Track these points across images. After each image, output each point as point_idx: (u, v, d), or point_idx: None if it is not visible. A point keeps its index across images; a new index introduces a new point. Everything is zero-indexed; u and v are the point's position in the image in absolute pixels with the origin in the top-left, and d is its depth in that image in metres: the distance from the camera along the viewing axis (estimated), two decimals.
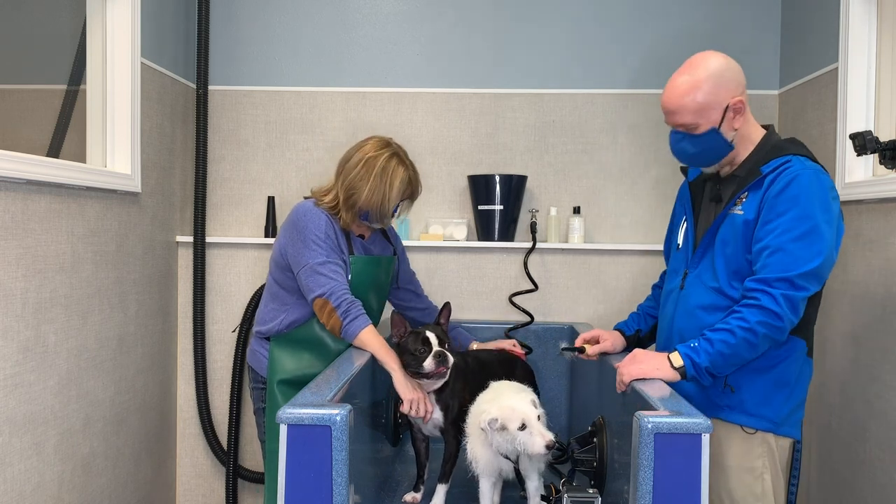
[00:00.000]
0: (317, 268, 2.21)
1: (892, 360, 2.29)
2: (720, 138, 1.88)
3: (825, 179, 1.80)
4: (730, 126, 1.88)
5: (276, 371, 2.35)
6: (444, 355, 2.05)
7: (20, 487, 2.08)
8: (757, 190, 1.84)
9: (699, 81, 1.85)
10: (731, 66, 1.89)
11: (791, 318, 1.76)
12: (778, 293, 1.73)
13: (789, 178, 1.77)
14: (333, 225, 2.30)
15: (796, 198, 1.76)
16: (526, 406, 1.81)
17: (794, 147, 1.89)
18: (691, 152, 1.93)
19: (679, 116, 1.88)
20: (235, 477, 3.16)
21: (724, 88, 1.85)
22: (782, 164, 1.81)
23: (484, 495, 1.96)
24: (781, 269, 1.74)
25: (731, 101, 1.86)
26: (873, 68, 2.55)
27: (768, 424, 1.88)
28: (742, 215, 1.85)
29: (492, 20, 3.21)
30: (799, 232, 1.74)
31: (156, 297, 2.95)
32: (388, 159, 2.30)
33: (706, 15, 3.16)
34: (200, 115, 3.14)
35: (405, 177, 2.31)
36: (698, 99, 1.84)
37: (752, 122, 1.94)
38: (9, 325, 2.02)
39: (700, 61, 1.89)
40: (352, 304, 2.19)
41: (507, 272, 3.17)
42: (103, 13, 2.62)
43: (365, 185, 2.26)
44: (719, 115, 1.86)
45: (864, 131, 2.31)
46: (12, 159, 1.99)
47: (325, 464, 1.54)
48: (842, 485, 2.57)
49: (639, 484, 1.52)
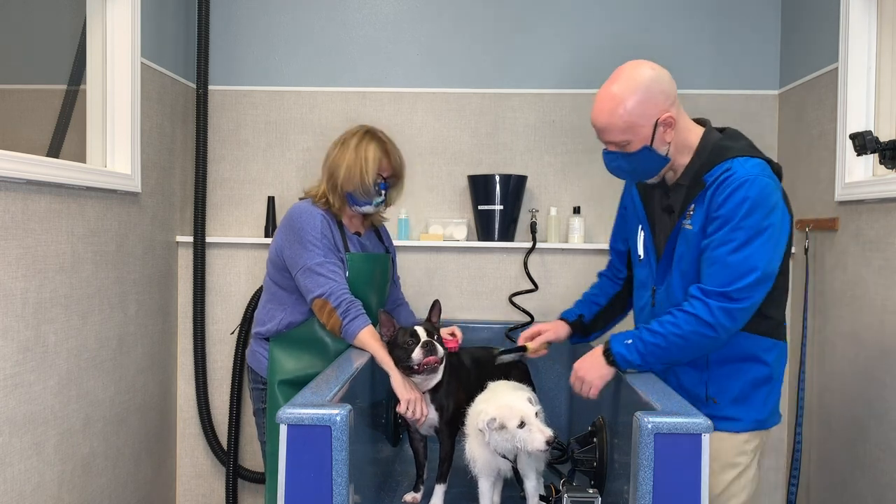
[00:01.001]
0: (315, 268, 2.21)
1: (891, 361, 2.29)
2: (654, 154, 1.84)
3: (764, 182, 1.75)
4: (662, 141, 1.82)
5: (276, 372, 2.35)
6: (433, 345, 2.03)
7: (20, 487, 2.08)
8: (702, 202, 1.81)
9: (626, 99, 1.79)
10: (659, 79, 1.82)
11: (727, 329, 1.76)
12: (714, 305, 1.74)
13: (729, 190, 1.74)
14: (330, 224, 2.31)
15: (735, 210, 1.73)
16: (523, 403, 1.81)
17: (733, 143, 1.85)
18: (627, 169, 1.90)
19: (608, 135, 1.84)
20: (235, 477, 3.16)
21: (653, 104, 1.80)
22: (723, 172, 1.77)
23: (483, 495, 1.96)
24: (719, 283, 1.75)
25: (660, 116, 1.80)
26: (873, 68, 2.55)
27: (753, 424, 1.90)
28: (692, 230, 1.83)
29: (492, 20, 3.21)
30: (736, 244, 1.73)
31: (156, 297, 2.95)
32: (362, 136, 2.35)
33: (706, 15, 3.16)
34: (200, 115, 3.14)
35: (378, 150, 2.33)
36: (626, 118, 1.79)
37: (687, 127, 1.88)
38: (9, 325, 2.02)
39: (626, 76, 1.82)
40: (351, 304, 2.19)
41: (507, 272, 3.17)
42: (103, 13, 2.62)
43: (342, 163, 2.32)
44: (650, 131, 1.81)
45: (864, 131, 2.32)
46: (12, 159, 1.99)
47: (325, 464, 1.54)
48: (842, 485, 2.57)
49: (639, 484, 1.52)
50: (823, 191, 2.73)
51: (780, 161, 3.13)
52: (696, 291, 1.78)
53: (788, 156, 3.06)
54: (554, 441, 1.79)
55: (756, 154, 1.84)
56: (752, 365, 1.88)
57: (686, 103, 3.13)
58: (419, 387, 2.12)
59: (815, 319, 2.80)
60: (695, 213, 1.82)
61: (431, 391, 2.13)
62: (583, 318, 2.25)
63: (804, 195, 2.90)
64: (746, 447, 1.90)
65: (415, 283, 3.14)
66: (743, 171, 1.75)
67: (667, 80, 1.83)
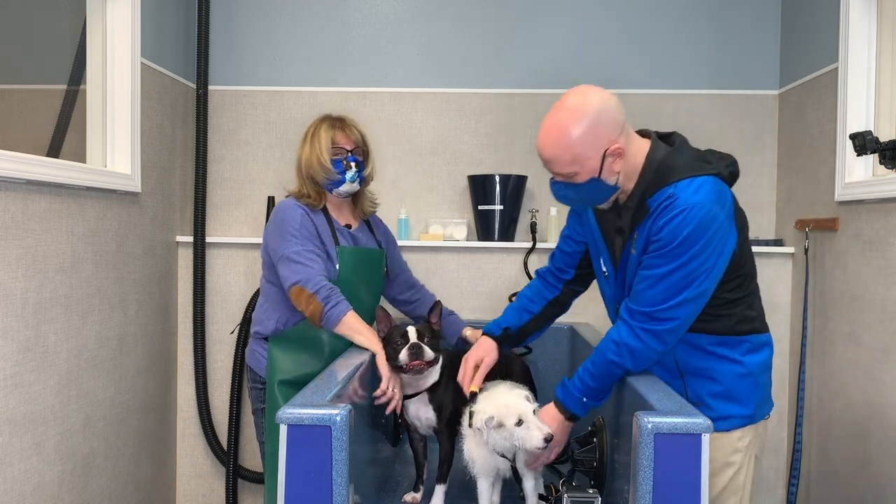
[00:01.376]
0: (292, 256, 2.21)
1: (892, 360, 2.29)
2: (602, 184, 1.78)
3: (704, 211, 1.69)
4: (610, 171, 1.77)
5: (275, 371, 2.35)
6: (420, 349, 2.03)
7: (20, 487, 2.08)
8: (644, 227, 1.79)
9: (572, 131, 1.72)
10: (607, 108, 1.74)
11: (655, 349, 1.77)
12: (637, 326, 1.76)
13: (667, 218, 1.71)
14: (312, 217, 2.32)
15: (671, 237, 1.70)
16: (521, 402, 1.81)
17: (677, 161, 1.78)
18: (576, 199, 1.86)
19: (555, 166, 1.79)
20: (235, 477, 3.16)
21: (601, 136, 1.73)
22: (665, 199, 1.73)
23: (482, 495, 1.96)
24: (645, 303, 1.75)
25: (608, 147, 1.74)
26: (873, 68, 2.55)
27: (742, 421, 1.89)
28: (634, 255, 1.83)
29: (492, 20, 3.21)
30: (667, 270, 1.72)
31: (156, 297, 2.95)
32: (318, 122, 2.40)
33: (707, 15, 3.16)
34: (200, 115, 3.14)
35: (329, 126, 2.37)
36: (573, 150, 1.73)
37: (634, 151, 1.81)
38: (9, 325, 2.02)
39: (573, 106, 1.75)
40: (332, 290, 2.17)
41: (507, 272, 3.17)
42: (103, 13, 2.62)
43: (303, 155, 2.37)
44: (597, 163, 1.74)
45: (864, 131, 2.32)
46: (12, 159, 1.99)
47: (325, 464, 1.54)
48: (842, 485, 2.57)
49: (639, 484, 1.52)
50: (823, 191, 2.73)
51: (780, 161, 3.13)
52: (624, 312, 1.81)
53: (788, 156, 3.07)
54: (552, 438, 1.78)
55: (702, 169, 1.77)
56: (725, 365, 1.87)
57: (686, 103, 3.17)
58: (415, 386, 2.12)
59: (815, 319, 2.80)
60: (638, 238, 1.81)
61: (429, 391, 2.13)
62: (508, 331, 2.17)
63: (804, 195, 2.90)
64: (740, 445, 1.90)
65: None
66: (683, 199, 1.71)
67: (614, 109, 1.76)
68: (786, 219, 3.06)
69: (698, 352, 1.88)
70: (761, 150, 3.16)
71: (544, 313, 2.19)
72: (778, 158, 3.16)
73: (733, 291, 1.84)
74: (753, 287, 1.92)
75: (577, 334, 2.76)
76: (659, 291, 1.74)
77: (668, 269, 1.72)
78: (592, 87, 1.79)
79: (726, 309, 1.84)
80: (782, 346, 3.04)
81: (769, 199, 3.17)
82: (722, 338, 1.86)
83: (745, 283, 1.86)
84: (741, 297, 1.86)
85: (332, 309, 2.15)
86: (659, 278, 1.74)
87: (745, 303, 1.88)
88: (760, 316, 1.94)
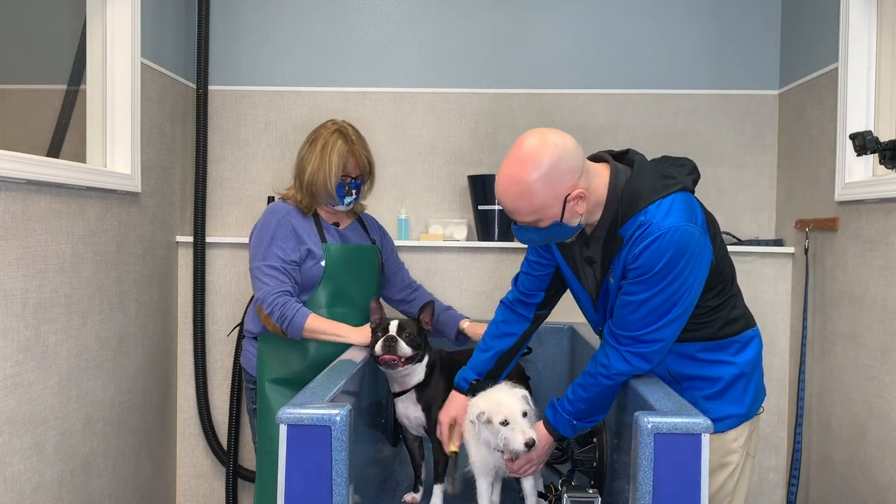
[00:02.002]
0: (254, 270, 2.31)
1: (892, 360, 2.29)
2: (565, 227, 1.75)
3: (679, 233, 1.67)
4: (573, 213, 1.72)
5: (264, 370, 2.35)
6: (394, 343, 2.02)
7: (20, 487, 2.08)
8: (620, 257, 1.77)
9: (531, 182, 1.66)
10: (564, 155, 1.68)
11: (643, 368, 1.79)
12: (624, 350, 1.77)
13: (643, 245, 1.69)
14: (291, 219, 2.33)
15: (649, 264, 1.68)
16: (513, 402, 1.81)
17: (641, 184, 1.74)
18: (540, 240, 1.84)
19: (517, 216, 1.75)
20: (235, 477, 3.16)
21: (560, 184, 1.68)
22: (638, 227, 1.70)
23: (482, 495, 1.95)
24: (629, 328, 1.76)
25: (569, 193, 1.69)
26: (873, 68, 2.55)
27: (736, 420, 1.90)
28: (613, 283, 1.82)
29: (492, 20, 3.21)
30: (648, 295, 1.71)
31: (156, 297, 2.95)
32: (330, 135, 2.35)
33: (707, 15, 3.16)
34: (200, 115, 3.14)
35: (344, 149, 2.33)
36: (533, 201, 1.68)
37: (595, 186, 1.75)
38: (9, 325, 2.02)
39: (528, 157, 1.67)
40: (284, 307, 2.23)
41: (507, 272, 3.17)
42: (103, 13, 2.62)
43: (308, 165, 2.34)
44: (559, 210, 1.70)
45: (864, 131, 2.32)
46: (12, 159, 1.99)
47: (325, 464, 1.54)
48: (842, 485, 2.57)
49: (639, 484, 1.52)
50: (823, 191, 2.73)
51: (780, 161, 3.14)
52: (609, 336, 1.81)
53: (788, 156, 3.07)
54: (533, 443, 1.78)
55: (667, 188, 1.73)
56: (716, 368, 1.88)
57: (686, 103, 3.17)
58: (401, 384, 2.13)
59: (815, 319, 2.80)
60: (615, 268, 1.79)
61: (416, 389, 2.12)
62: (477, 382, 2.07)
63: (804, 195, 2.90)
64: (735, 445, 1.90)
65: None
66: (656, 224, 1.68)
67: (571, 152, 1.69)
68: (786, 219, 3.06)
69: (688, 360, 1.88)
70: (761, 150, 3.16)
71: (516, 346, 2.11)
72: (778, 158, 3.15)
73: (716, 298, 1.85)
74: (735, 289, 1.92)
75: (578, 334, 2.76)
76: (642, 316, 1.74)
77: (650, 295, 1.71)
78: (547, 132, 1.72)
79: (711, 315, 1.85)
80: (782, 346, 3.05)
81: (769, 199, 3.17)
82: (710, 343, 1.87)
83: (726, 287, 1.87)
84: (724, 302, 1.87)
85: (289, 326, 2.23)
86: (640, 303, 1.73)
87: (729, 305, 1.88)
88: (745, 313, 1.94)
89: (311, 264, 2.31)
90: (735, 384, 1.89)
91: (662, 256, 1.67)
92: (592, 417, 1.85)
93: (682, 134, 3.15)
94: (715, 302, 1.84)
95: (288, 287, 2.26)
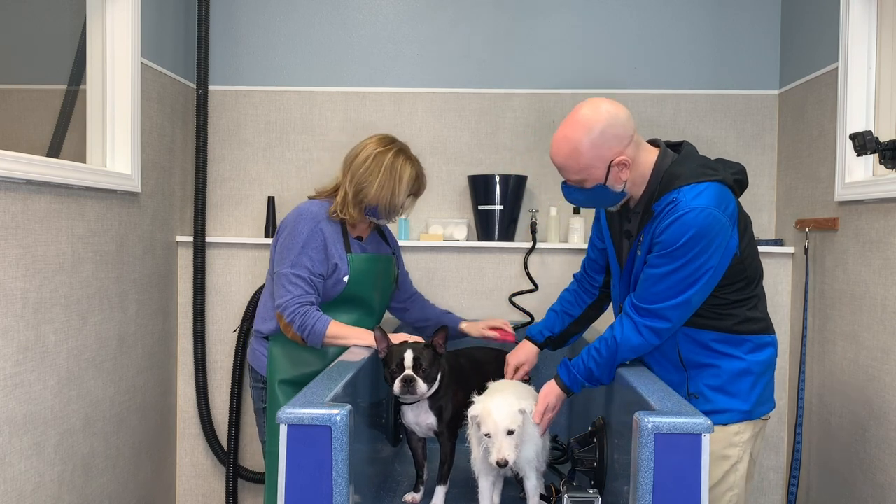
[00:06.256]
0: (279, 276, 2.28)
1: (892, 360, 2.29)
2: (608, 191, 1.90)
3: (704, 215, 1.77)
4: (616, 179, 1.88)
5: (275, 370, 2.35)
6: (413, 382, 2.01)
7: (20, 487, 2.08)
8: (649, 231, 1.87)
9: (580, 143, 1.83)
10: (614, 122, 1.84)
11: (652, 344, 1.88)
12: (641, 323, 1.86)
13: (669, 220, 1.79)
14: (322, 227, 2.30)
15: (673, 239, 1.79)
16: (503, 417, 1.79)
17: (683, 169, 1.85)
18: (584, 201, 1.98)
19: (565, 173, 1.92)
20: (235, 477, 3.16)
21: (606, 148, 1.84)
22: (668, 203, 1.81)
23: (483, 495, 1.96)
24: (648, 300, 1.85)
25: (614, 158, 1.85)
26: (873, 68, 2.55)
27: (740, 416, 1.92)
28: (640, 256, 1.91)
29: (492, 20, 3.21)
30: (669, 269, 1.80)
31: (156, 297, 2.95)
32: (396, 155, 2.33)
33: (706, 15, 3.16)
34: (200, 115, 3.14)
35: (413, 172, 2.35)
36: (580, 161, 1.85)
37: (643, 161, 1.90)
38: (9, 325, 2.02)
39: (582, 119, 1.85)
40: (305, 316, 2.22)
41: (507, 272, 3.17)
42: (103, 13, 2.62)
43: (374, 181, 2.30)
44: (603, 172, 1.86)
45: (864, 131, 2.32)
46: (12, 159, 1.99)
47: (325, 464, 1.54)
48: (842, 485, 2.57)
49: (639, 484, 1.52)
50: (823, 191, 2.73)
51: (780, 161, 3.14)
52: (629, 307, 1.90)
53: (788, 156, 3.07)
54: (505, 465, 1.78)
55: (707, 176, 1.83)
56: (726, 361, 1.93)
57: (686, 103, 3.17)
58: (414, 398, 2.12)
59: (815, 319, 2.80)
60: (643, 241, 1.89)
61: (430, 398, 2.12)
62: (551, 337, 2.26)
63: (804, 195, 2.90)
64: (737, 439, 1.92)
65: (415, 284, 3.12)
66: (685, 203, 1.79)
67: (622, 122, 1.85)
68: (786, 219, 3.06)
69: (702, 348, 1.93)
70: (761, 150, 3.16)
71: (585, 315, 2.28)
72: (778, 158, 3.16)
73: (737, 293, 1.90)
74: (758, 291, 1.97)
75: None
76: (661, 290, 1.82)
77: (670, 270, 1.80)
78: (604, 100, 1.89)
79: (730, 308, 1.91)
80: (782, 346, 3.04)
81: (769, 199, 3.18)
82: (724, 335, 1.92)
83: (748, 286, 1.92)
84: (744, 299, 1.92)
85: (310, 334, 2.23)
86: (661, 277, 1.82)
87: (749, 304, 1.93)
88: (765, 319, 1.99)
89: (333, 281, 2.32)
90: (741, 379, 1.92)
91: (685, 233, 1.77)
92: (599, 382, 1.96)
93: (682, 134, 3.15)
94: (735, 297, 1.90)
95: (311, 298, 2.26)
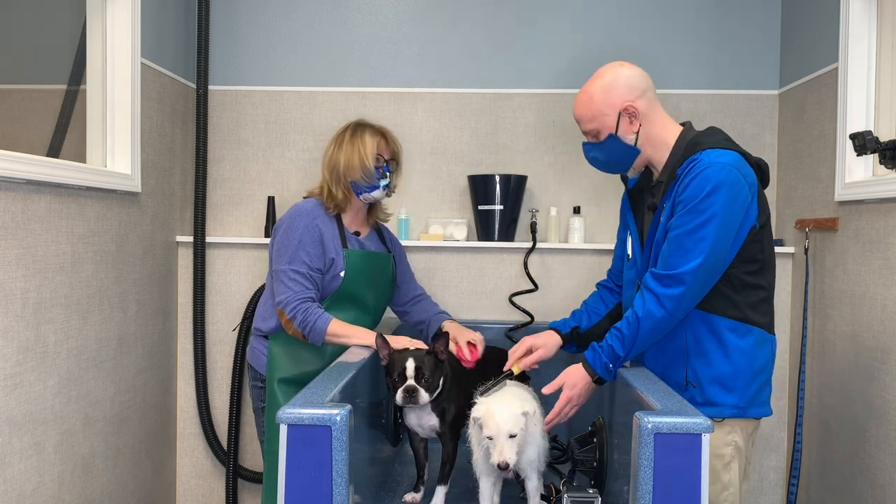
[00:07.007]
0: (279, 273, 2.29)
1: (892, 361, 2.29)
2: (621, 143, 1.96)
3: (728, 170, 1.81)
4: (627, 129, 1.95)
5: (275, 369, 2.35)
6: (415, 392, 2.00)
7: (20, 487, 2.08)
8: (671, 192, 1.89)
9: (593, 91, 1.96)
10: (629, 75, 1.96)
11: (676, 317, 1.85)
12: (663, 294, 1.83)
13: (692, 176, 1.82)
14: (320, 224, 2.32)
15: (695, 192, 1.81)
16: (506, 420, 1.78)
17: (708, 139, 1.91)
18: (602, 159, 2.03)
19: (582, 124, 2.01)
20: (235, 477, 3.16)
21: (616, 94, 1.94)
22: (691, 162, 1.85)
23: (483, 495, 1.95)
24: (668, 266, 1.84)
25: (623, 105, 1.93)
26: (873, 68, 2.55)
27: (734, 411, 1.91)
28: (662, 220, 1.91)
29: (492, 20, 3.21)
30: (689, 227, 1.81)
31: (156, 297, 2.95)
32: (354, 127, 2.42)
33: (706, 15, 3.16)
34: (200, 115, 3.14)
35: (373, 132, 2.40)
36: (592, 107, 1.96)
37: (664, 124, 1.98)
38: (9, 325, 2.02)
39: (601, 72, 2.00)
40: (307, 313, 2.23)
41: (507, 272, 3.17)
42: (103, 13, 2.62)
43: (341, 154, 2.37)
44: (613, 120, 1.94)
45: (864, 131, 2.32)
46: (12, 159, 1.99)
47: (325, 464, 1.54)
48: (842, 485, 2.57)
49: (639, 484, 1.52)
50: (823, 191, 2.73)
51: (780, 161, 3.13)
52: (649, 280, 1.87)
53: (788, 156, 3.07)
54: (506, 467, 1.77)
55: (732, 147, 1.89)
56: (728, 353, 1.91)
57: (686, 103, 3.17)
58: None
59: (815, 319, 2.80)
60: (666, 207, 1.90)
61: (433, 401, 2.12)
62: (578, 330, 2.21)
63: (804, 195, 2.90)
64: (729, 438, 1.91)
65: None
66: (706, 159, 1.82)
67: (637, 77, 1.96)
68: (786, 219, 3.06)
69: (711, 333, 1.92)
70: (761, 150, 3.16)
71: (612, 315, 2.24)
72: (778, 158, 3.16)
73: (752, 276, 1.91)
74: (770, 279, 1.97)
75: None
76: (684, 250, 1.81)
77: (693, 226, 1.80)
78: (626, 62, 2.01)
79: (741, 291, 1.90)
80: (782, 346, 3.04)
81: (769, 199, 3.15)
82: (735, 322, 1.91)
83: (762, 269, 1.93)
84: (756, 284, 1.92)
85: (311, 331, 2.23)
86: (684, 236, 1.81)
87: (761, 289, 1.93)
88: (770, 317, 1.99)
89: (330, 276, 2.33)
90: (740, 374, 1.91)
91: (706, 186, 1.79)
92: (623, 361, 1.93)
93: None
94: (750, 279, 1.91)
95: (312, 294, 2.27)
